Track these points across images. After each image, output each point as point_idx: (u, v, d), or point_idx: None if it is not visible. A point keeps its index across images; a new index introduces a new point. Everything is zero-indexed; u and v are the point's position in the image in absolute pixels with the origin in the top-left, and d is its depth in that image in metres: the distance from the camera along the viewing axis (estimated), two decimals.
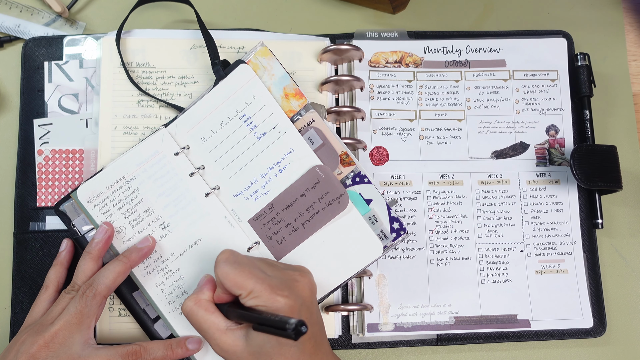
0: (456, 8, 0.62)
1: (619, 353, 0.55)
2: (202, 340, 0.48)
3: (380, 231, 0.51)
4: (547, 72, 0.58)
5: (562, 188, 0.57)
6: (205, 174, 0.52)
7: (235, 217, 0.51)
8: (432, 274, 0.54)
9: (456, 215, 0.55)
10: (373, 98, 0.57)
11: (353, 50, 0.56)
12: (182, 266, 0.51)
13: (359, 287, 0.54)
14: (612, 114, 0.60)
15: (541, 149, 0.57)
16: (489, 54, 0.58)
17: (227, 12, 0.61)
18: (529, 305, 0.54)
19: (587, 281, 0.55)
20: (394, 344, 0.54)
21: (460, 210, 0.56)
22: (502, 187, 0.56)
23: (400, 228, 0.51)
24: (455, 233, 0.55)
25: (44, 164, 0.54)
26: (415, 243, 0.55)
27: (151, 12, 0.60)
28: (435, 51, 0.58)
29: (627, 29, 0.63)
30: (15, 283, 0.53)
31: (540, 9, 0.63)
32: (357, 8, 0.62)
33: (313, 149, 0.51)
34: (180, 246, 0.51)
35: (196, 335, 0.48)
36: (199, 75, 0.56)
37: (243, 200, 0.51)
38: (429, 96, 0.58)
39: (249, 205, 0.51)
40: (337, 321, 0.53)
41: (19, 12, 0.59)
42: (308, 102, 0.52)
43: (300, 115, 0.52)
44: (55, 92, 0.55)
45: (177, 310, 0.50)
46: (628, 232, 0.58)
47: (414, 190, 0.56)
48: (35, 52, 0.56)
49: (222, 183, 0.52)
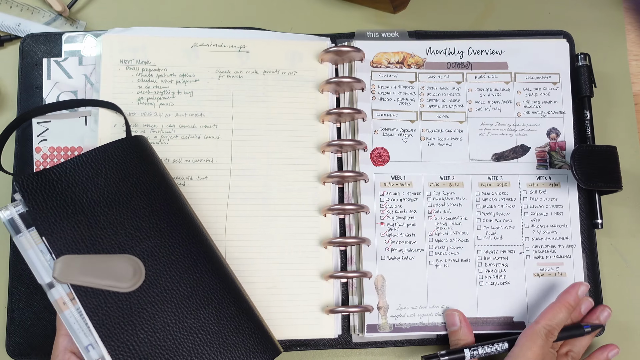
0: (457, 7, 0.62)
1: (618, 353, 0.55)
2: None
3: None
4: (549, 74, 0.58)
5: (562, 191, 0.57)
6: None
7: None
8: (431, 276, 0.54)
9: (456, 217, 0.55)
10: (374, 99, 0.57)
11: (354, 51, 0.56)
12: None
13: (359, 287, 0.53)
14: (612, 114, 0.60)
15: (542, 152, 0.57)
16: (491, 56, 0.58)
17: (227, 11, 0.61)
18: (526, 307, 0.54)
19: (586, 281, 0.55)
20: (394, 343, 0.54)
21: (460, 212, 0.55)
22: (502, 189, 0.56)
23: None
24: (454, 235, 0.55)
25: (42, 162, 0.54)
26: (415, 244, 0.55)
27: (152, 10, 0.60)
28: (437, 52, 0.58)
29: (628, 29, 0.63)
30: (12, 282, 0.53)
31: (541, 8, 0.63)
32: (358, 7, 0.62)
33: None
34: None
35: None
36: (199, 74, 0.56)
37: None
38: (431, 97, 0.57)
39: None
40: (337, 321, 0.53)
41: (19, 11, 0.58)
42: None
43: None
44: (53, 89, 0.55)
45: None
46: (628, 232, 0.58)
47: (414, 191, 0.56)
48: (34, 49, 0.56)
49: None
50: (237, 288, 0.46)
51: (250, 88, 0.56)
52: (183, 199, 0.48)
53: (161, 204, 0.46)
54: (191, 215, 0.48)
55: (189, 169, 0.54)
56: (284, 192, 0.54)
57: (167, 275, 0.44)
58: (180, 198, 0.48)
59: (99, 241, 0.44)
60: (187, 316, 0.43)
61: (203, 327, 0.43)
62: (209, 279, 0.45)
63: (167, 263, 0.44)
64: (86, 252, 0.43)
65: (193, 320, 0.43)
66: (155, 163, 0.49)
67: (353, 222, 0.55)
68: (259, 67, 0.56)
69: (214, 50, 0.56)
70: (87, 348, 0.42)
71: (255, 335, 0.44)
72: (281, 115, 0.56)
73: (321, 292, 0.53)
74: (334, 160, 0.56)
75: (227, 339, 0.43)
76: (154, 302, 0.43)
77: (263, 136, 0.55)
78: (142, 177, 0.47)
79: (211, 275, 0.45)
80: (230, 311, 0.44)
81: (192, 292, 0.44)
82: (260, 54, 0.56)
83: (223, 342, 0.43)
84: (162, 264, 0.44)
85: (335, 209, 0.53)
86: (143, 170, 0.47)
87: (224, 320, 0.44)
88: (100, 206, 0.45)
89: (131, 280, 0.43)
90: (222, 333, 0.43)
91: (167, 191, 0.47)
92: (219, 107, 0.55)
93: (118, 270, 0.43)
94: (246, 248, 0.53)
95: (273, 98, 0.56)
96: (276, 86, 0.56)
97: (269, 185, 0.54)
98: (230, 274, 0.47)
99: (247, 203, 0.54)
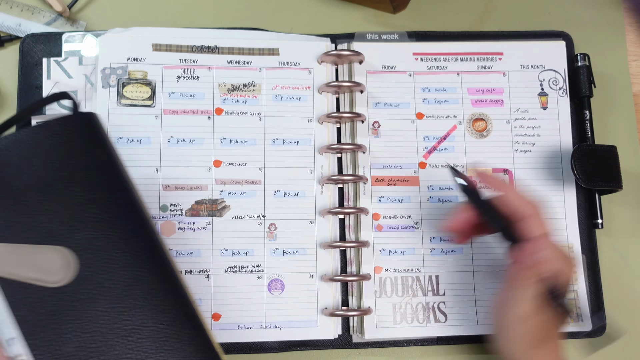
0: (456, 7, 0.62)
1: (619, 353, 0.55)
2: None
3: None
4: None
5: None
6: None
7: None
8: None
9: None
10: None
11: (353, 54, 0.56)
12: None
13: (358, 288, 0.53)
14: (612, 114, 0.60)
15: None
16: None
17: (227, 11, 0.61)
18: None
19: (586, 281, 0.55)
20: (394, 343, 0.53)
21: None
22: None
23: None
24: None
25: None
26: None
27: (151, 10, 0.60)
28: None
29: (628, 29, 0.63)
30: None
31: (541, 8, 0.63)
32: (358, 7, 0.62)
33: None
34: None
35: None
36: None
37: None
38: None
39: None
40: (337, 322, 0.53)
41: (19, 12, 0.59)
42: None
43: None
44: (53, 89, 0.55)
45: None
46: (628, 232, 0.58)
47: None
48: (34, 49, 0.56)
49: None
50: (181, 289, 0.42)
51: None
52: (132, 187, 0.43)
53: (104, 192, 0.41)
54: (138, 206, 0.43)
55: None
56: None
57: (103, 271, 0.39)
58: (128, 186, 0.43)
59: (30, 230, 0.39)
60: (121, 316, 0.39)
61: (138, 329, 0.39)
62: (150, 278, 0.40)
63: (104, 257, 0.39)
64: (13, 241, 0.39)
65: (128, 321, 0.39)
66: (103, 145, 0.43)
67: (352, 224, 0.55)
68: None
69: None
70: (8, 342, 0.38)
71: (196, 342, 0.40)
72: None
73: (321, 293, 0.53)
74: (334, 161, 0.56)
75: (164, 344, 0.39)
76: (85, 299, 0.39)
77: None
78: (85, 161, 0.41)
79: (153, 274, 0.40)
80: (170, 314, 0.40)
81: (129, 290, 0.39)
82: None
83: (159, 346, 0.39)
84: (99, 258, 0.39)
85: (334, 211, 0.54)
86: (87, 153, 0.41)
87: (162, 323, 0.39)
88: (34, 191, 0.40)
89: (60, 274, 0.39)
90: (158, 337, 0.39)
91: (113, 178, 0.42)
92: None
93: (47, 262, 0.39)
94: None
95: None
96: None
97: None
98: (175, 274, 0.42)
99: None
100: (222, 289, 0.52)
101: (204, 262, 0.53)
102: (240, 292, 0.53)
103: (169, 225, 0.53)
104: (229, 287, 0.53)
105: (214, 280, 0.53)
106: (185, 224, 0.53)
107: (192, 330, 0.40)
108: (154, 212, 0.53)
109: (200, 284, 0.52)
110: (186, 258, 0.53)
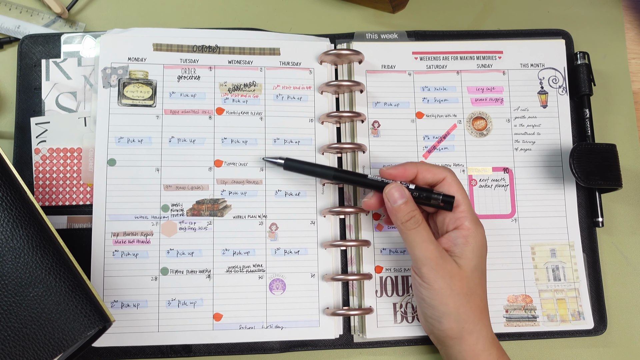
0: (456, 6, 0.62)
1: (620, 351, 0.55)
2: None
3: None
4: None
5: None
6: None
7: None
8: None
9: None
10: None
11: (353, 54, 0.56)
12: None
13: (359, 288, 0.53)
14: (612, 112, 0.60)
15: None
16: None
17: (226, 11, 0.61)
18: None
19: (587, 280, 0.55)
20: (396, 343, 0.53)
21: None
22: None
23: None
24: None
25: (41, 163, 0.54)
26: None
27: (151, 11, 0.60)
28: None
29: (627, 27, 0.63)
30: None
31: (540, 7, 0.63)
32: (357, 7, 0.62)
33: None
34: None
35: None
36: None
37: None
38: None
39: None
40: (338, 321, 0.53)
41: (18, 13, 0.58)
42: None
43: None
44: (52, 90, 0.55)
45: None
46: (629, 230, 0.58)
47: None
48: (32, 50, 0.56)
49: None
50: (67, 258, 0.44)
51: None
52: (12, 174, 0.45)
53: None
54: (21, 192, 0.44)
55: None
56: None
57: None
58: (7, 171, 0.45)
59: None
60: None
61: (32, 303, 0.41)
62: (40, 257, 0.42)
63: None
64: None
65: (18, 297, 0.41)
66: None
67: (353, 223, 0.55)
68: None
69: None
70: None
71: (88, 304, 0.42)
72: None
73: (322, 293, 0.53)
74: (335, 161, 0.56)
75: (58, 308, 0.41)
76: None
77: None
78: None
79: (43, 253, 0.42)
80: (62, 286, 0.42)
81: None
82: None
83: (52, 312, 0.41)
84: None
85: (335, 211, 0.53)
86: None
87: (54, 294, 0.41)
88: None
89: None
90: (52, 305, 0.41)
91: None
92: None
93: None
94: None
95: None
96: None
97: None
98: (59, 244, 0.44)
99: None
100: (223, 289, 0.52)
101: (205, 262, 0.53)
102: (241, 292, 0.53)
103: (170, 225, 0.53)
104: (230, 287, 0.52)
105: (216, 280, 0.52)
106: (187, 224, 0.53)
107: (82, 295, 0.42)
108: (155, 212, 0.53)
109: (201, 284, 0.52)
110: (187, 258, 0.53)
